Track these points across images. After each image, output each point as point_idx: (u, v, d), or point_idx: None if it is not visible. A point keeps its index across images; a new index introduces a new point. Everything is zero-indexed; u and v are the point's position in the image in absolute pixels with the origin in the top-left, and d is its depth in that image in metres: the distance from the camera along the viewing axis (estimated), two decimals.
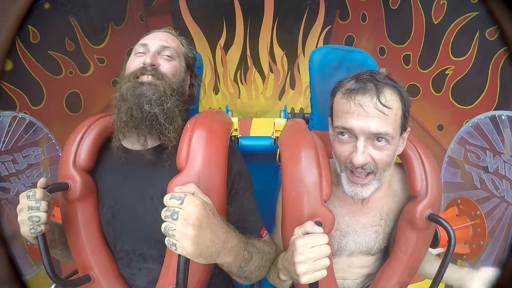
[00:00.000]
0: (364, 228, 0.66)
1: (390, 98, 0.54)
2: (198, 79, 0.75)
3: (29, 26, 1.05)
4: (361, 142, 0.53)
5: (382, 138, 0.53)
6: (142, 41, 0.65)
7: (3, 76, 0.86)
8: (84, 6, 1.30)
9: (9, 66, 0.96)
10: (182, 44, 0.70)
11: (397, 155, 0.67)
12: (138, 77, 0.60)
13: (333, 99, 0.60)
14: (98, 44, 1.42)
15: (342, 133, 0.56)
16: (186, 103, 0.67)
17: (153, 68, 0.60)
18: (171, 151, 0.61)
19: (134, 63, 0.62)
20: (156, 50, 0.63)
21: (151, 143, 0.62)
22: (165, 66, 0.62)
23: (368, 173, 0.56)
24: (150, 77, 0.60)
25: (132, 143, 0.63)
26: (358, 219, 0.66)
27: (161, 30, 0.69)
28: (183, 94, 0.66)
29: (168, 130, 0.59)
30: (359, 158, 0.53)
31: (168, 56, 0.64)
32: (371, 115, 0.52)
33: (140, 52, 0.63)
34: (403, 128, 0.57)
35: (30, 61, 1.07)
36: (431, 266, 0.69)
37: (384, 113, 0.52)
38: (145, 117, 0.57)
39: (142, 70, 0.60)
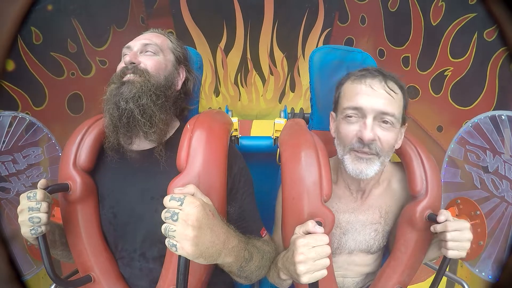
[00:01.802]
0: (364, 226, 0.66)
1: (394, 87, 0.59)
2: (194, 74, 0.74)
3: (32, 28, 1.06)
4: (369, 119, 0.56)
5: (387, 120, 0.57)
6: (127, 44, 0.66)
7: (5, 77, 0.87)
8: (86, 8, 1.32)
9: (11, 66, 0.97)
10: (170, 40, 0.70)
11: (396, 154, 0.67)
12: (122, 78, 0.61)
13: (339, 89, 0.64)
14: (100, 46, 1.43)
15: (349, 116, 0.58)
16: (174, 97, 0.67)
17: (133, 66, 0.61)
18: (162, 149, 0.61)
19: (119, 66, 0.65)
20: (138, 49, 0.64)
21: (146, 144, 0.63)
22: (147, 63, 0.63)
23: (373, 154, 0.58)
24: (131, 75, 0.60)
25: (130, 144, 0.63)
26: (358, 216, 0.66)
27: (148, 31, 0.70)
28: (169, 88, 0.65)
29: (146, 126, 0.59)
30: (370, 133, 0.56)
31: (150, 52, 0.65)
32: (380, 95, 0.57)
33: (125, 55, 0.65)
34: (403, 120, 0.61)
35: (33, 62, 1.08)
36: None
37: (391, 96, 0.58)
38: (122, 114, 0.58)
39: (124, 70, 0.61)
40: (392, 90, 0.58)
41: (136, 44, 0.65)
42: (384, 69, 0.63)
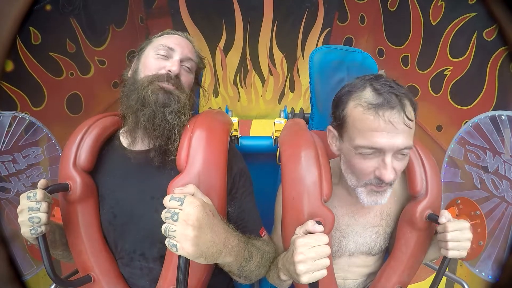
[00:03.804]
0: (365, 229, 0.66)
1: (410, 110, 0.53)
2: (199, 85, 0.75)
3: (31, 28, 1.06)
4: (389, 158, 0.52)
5: (405, 153, 0.53)
6: (167, 42, 0.63)
7: (4, 77, 0.86)
8: (85, 8, 1.31)
9: (10, 67, 0.97)
10: (197, 54, 0.69)
11: None
12: (159, 81, 0.59)
13: (344, 109, 0.56)
14: (98, 46, 1.43)
15: (365, 152, 0.53)
16: (192, 111, 0.68)
17: (176, 77, 0.61)
18: (173, 153, 0.61)
19: (156, 64, 0.61)
20: (181, 59, 0.62)
21: (148, 144, 0.63)
22: (184, 79, 0.62)
23: None
24: (172, 86, 0.59)
25: (132, 144, 0.63)
26: (358, 219, 0.66)
27: (181, 34, 0.68)
28: (193, 106, 0.66)
29: (176, 138, 0.59)
30: (391, 175, 0.52)
31: (188, 68, 0.64)
32: (400, 131, 0.51)
33: (162, 55, 0.62)
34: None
35: (31, 62, 1.08)
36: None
37: (410, 127, 0.52)
38: (165, 126, 0.57)
39: (167, 77, 0.59)
40: (411, 120, 0.52)
41: (179, 51, 0.63)
42: (382, 70, 0.61)
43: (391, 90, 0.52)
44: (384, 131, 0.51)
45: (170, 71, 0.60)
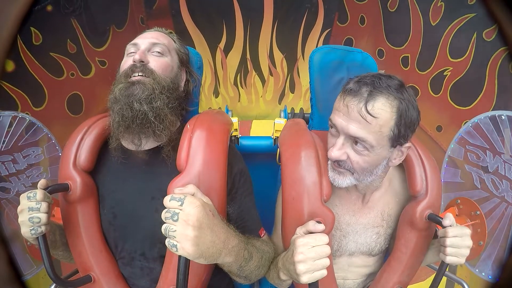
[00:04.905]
0: (365, 229, 0.66)
1: (381, 107, 0.52)
2: (196, 76, 0.74)
3: (32, 28, 1.06)
4: (340, 140, 0.56)
5: (360, 142, 0.54)
6: (133, 41, 0.65)
7: (5, 77, 0.86)
8: (86, 8, 1.32)
9: (11, 67, 0.97)
10: (174, 40, 0.70)
11: None
12: (129, 77, 0.60)
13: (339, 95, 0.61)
14: (99, 46, 1.44)
15: (331, 126, 0.58)
16: (180, 98, 0.67)
17: (142, 65, 0.61)
18: (170, 150, 0.61)
19: (126, 63, 0.63)
20: (146, 48, 0.63)
21: (149, 143, 0.63)
22: (154, 63, 0.62)
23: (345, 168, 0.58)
24: (139, 75, 0.60)
25: (131, 144, 0.63)
26: (359, 219, 0.66)
27: (152, 29, 0.70)
28: (176, 90, 0.65)
29: (159, 128, 0.59)
30: (332, 153, 0.56)
31: (158, 52, 0.64)
32: (353, 118, 0.53)
33: (131, 52, 0.64)
34: (395, 141, 0.54)
35: (32, 62, 1.08)
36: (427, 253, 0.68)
37: (366, 120, 0.52)
38: (135, 115, 0.57)
39: (133, 68, 0.60)
40: (370, 114, 0.51)
41: (144, 42, 0.64)
42: (382, 71, 0.61)
43: (370, 82, 0.53)
44: (341, 112, 0.55)
45: (134, 61, 0.61)
